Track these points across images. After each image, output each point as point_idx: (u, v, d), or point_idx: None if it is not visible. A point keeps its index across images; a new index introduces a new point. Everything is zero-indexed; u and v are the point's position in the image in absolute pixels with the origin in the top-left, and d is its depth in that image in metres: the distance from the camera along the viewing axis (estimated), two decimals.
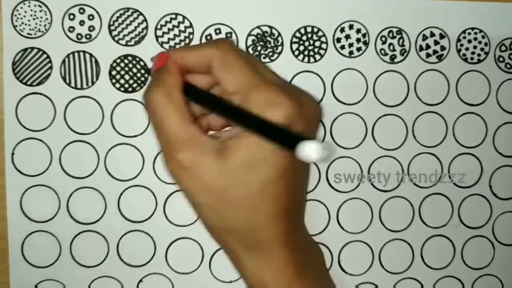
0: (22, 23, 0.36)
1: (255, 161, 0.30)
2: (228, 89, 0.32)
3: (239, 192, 0.31)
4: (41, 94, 0.37)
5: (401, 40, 0.39)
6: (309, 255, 0.36)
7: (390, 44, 0.39)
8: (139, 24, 0.37)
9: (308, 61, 0.38)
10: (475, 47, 0.40)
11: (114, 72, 0.37)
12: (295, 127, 0.30)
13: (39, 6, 0.36)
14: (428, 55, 0.39)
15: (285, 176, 0.31)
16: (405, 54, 0.39)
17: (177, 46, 0.37)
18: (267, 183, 0.31)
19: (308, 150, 0.26)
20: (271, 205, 0.31)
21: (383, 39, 0.39)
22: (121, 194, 0.38)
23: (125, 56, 0.37)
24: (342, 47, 0.39)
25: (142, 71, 0.37)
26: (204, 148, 0.31)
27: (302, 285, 0.33)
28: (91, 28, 0.37)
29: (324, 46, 0.38)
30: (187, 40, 0.37)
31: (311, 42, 0.38)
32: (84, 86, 0.37)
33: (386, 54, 0.39)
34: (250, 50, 0.38)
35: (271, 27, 0.38)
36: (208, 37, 0.37)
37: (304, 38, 0.38)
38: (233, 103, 0.31)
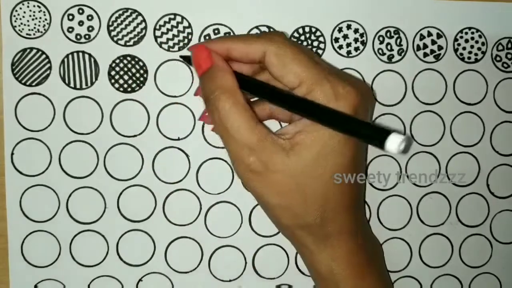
0: (21, 23, 0.36)
1: (325, 154, 0.30)
2: (289, 83, 0.31)
3: (311, 186, 0.31)
4: (40, 94, 0.37)
5: (398, 40, 0.39)
6: (373, 246, 0.37)
7: (388, 43, 0.39)
8: (138, 24, 0.37)
9: None
10: (472, 46, 0.40)
11: (113, 72, 0.37)
12: (360, 116, 0.31)
13: (38, 6, 0.36)
14: (425, 55, 0.40)
15: (355, 164, 0.31)
16: (402, 54, 0.39)
17: (215, 37, 0.37)
18: (341, 172, 0.31)
19: (397, 143, 0.26)
20: (344, 195, 0.32)
21: (381, 38, 0.39)
22: (120, 193, 0.39)
23: (124, 56, 0.37)
24: (340, 47, 0.39)
25: (141, 71, 0.38)
26: (274, 148, 0.31)
27: (371, 273, 0.34)
28: (90, 29, 0.37)
29: (322, 46, 0.39)
30: (186, 41, 0.37)
31: (309, 42, 0.38)
32: (83, 86, 0.37)
33: (383, 54, 0.39)
34: None
35: (269, 27, 0.38)
36: (207, 38, 0.38)
37: (302, 38, 0.38)
38: (302, 97, 0.31)
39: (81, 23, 0.37)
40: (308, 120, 0.31)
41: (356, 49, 0.39)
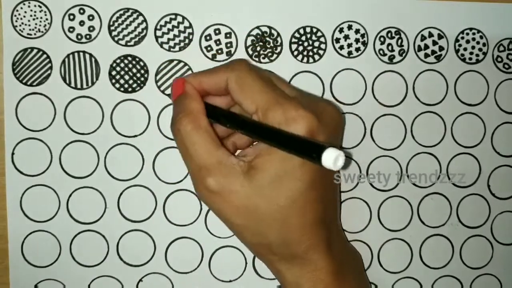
0: (22, 23, 0.36)
1: (282, 177, 0.31)
2: (247, 109, 0.32)
3: (269, 209, 0.31)
4: (41, 94, 0.37)
5: (399, 41, 0.39)
6: (347, 261, 0.36)
7: (389, 44, 0.39)
8: (139, 24, 0.37)
9: (307, 62, 0.39)
10: (473, 47, 0.40)
11: (114, 72, 0.37)
12: (318, 138, 0.31)
13: (39, 6, 0.36)
14: (426, 55, 0.40)
15: (314, 187, 0.32)
16: (403, 55, 0.39)
17: (192, 72, 0.37)
18: (297, 196, 0.31)
19: (332, 158, 0.25)
20: (304, 217, 0.32)
21: (382, 39, 0.39)
22: (121, 194, 0.38)
23: (125, 56, 0.37)
24: (341, 47, 0.39)
25: (142, 71, 0.38)
26: (232, 171, 0.32)
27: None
28: (91, 29, 0.37)
29: (323, 46, 0.39)
30: (186, 41, 0.37)
31: (310, 42, 0.38)
32: (84, 86, 0.37)
33: (384, 55, 0.39)
34: (249, 50, 0.38)
35: (270, 28, 0.38)
36: (208, 38, 0.38)
37: (303, 38, 0.38)
38: (252, 120, 0.32)
39: (82, 23, 0.37)
40: (264, 145, 0.31)
41: (357, 49, 0.39)
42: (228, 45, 0.38)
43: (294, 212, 0.32)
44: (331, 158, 0.25)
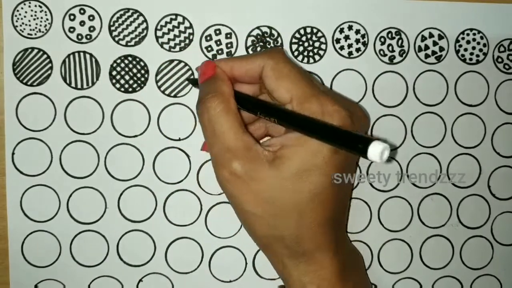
0: (23, 23, 0.36)
1: (308, 170, 0.31)
2: (281, 97, 0.32)
3: (289, 201, 0.31)
4: (41, 94, 0.37)
5: (400, 41, 0.39)
6: (350, 261, 0.36)
7: (389, 45, 0.39)
8: (139, 24, 0.37)
9: (308, 62, 0.39)
10: (473, 48, 0.40)
11: (114, 73, 0.37)
12: None
13: (40, 6, 0.36)
14: (427, 56, 0.40)
15: (336, 185, 0.31)
16: (404, 55, 0.39)
17: (219, 57, 0.37)
18: (319, 191, 0.31)
19: (379, 151, 0.25)
20: (320, 213, 0.32)
21: (382, 40, 0.39)
22: (121, 194, 0.38)
23: (125, 57, 0.37)
24: (342, 47, 0.39)
25: (142, 72, 0.38)
26: (258, 157, 0.31)
27: None
28: (92, 29, 0.37)
29: (323, 46, 0.39)
30: (187, 41, 0.38)
31: (311, 42, 0.38)
32: (85, 86, 0.37)
33: (385, 55, 0.39)
34: (249, 51, 0.38)
35: (270, 28, 0.38)
36: (208, 38, 0.38)
37: (304, 38, 0.38)
38: (287, 109, 0.32)
39: (82, 23, 0.37)
40: (294, 135, 0.31)
41: (358, 50, 0.39)
42: (229, 45, 0.38)
43: (313, 208, 0.31)
44: (378, 150, 0.25)
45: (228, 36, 0.38)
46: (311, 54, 0.39)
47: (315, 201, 0.31)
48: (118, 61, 0.37)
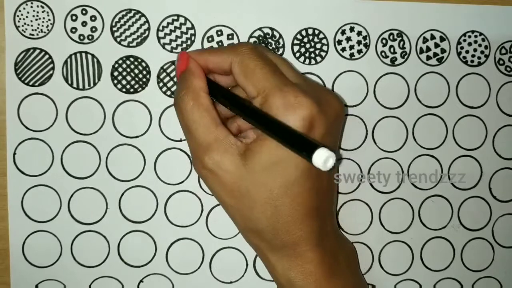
0: (25, 23, 0.36)
1: (277, 163, 0.31)
2: (250, 93, 0.32)
3: (261, 194, 0.31)
4: (43, 94, 0.37)
5: (401, 43, 0.39)
6: (340, 255, 0.36)
7: (391, 46, 0.39)
8: (141, 25, 0.37)
9: (309, 63, 0.39)
10: (475, 50, 0.40)
11: (116, 73, 0.37)
12: (316, 126, 0.30)
13: (42, 6, 0.36)
14: (428, 58, 0.40)
15: (310, 176, 0.31)
16: (405, 57, 0.39)
17: (189, 49, 0.38)
18: (291, 184, 0.31)
19: (322, 158, 0.25)
20: (296, 206, 0.32)
21: (384, 41, 0.39)
22: (122, 194, 0.38)
23: (127, 57, 0.37)
24: (343, 49, 0.39)
25: (144, 72, 0.38)
26: (228, 150, 0.31)
27: (335, 282, 0.33)
28: (93, 29, 0.37)
29: (325, 48, 0.39)
30: (189, 42, 0.38)
31: (312, 44, 0.38)
32: (86, 86, 0.37)
33: (386, 57, 0.39)
34: None
35: (272, 29, 0.38)
36: (210, 39, 0.38)
37: (305, 40, 0.38)
38: (251, 105, 0.32)
39: (84, 23, 0.37)
40: None
41: (359, 51, 0.39)
42: None
43: (287, 201, 0.31)
44: (321, 158, 0.25)
45: (230, 37, 0.38)
46: (312, 55, 0.39)
47: (288, 193, 0.31)
48: (120, 61, 0.37)
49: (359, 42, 0.39)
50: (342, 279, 0.34)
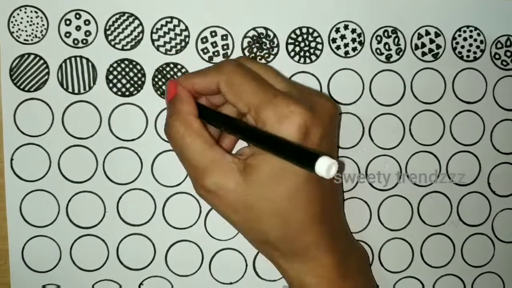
0: (19, 29, 0.36)
1: (279, 174, 0.31)
2: (241, 110, 0.32)
3: (266, 207, 0.31)
4: (38, 99, 0.37)
5: (396, 39, 0.39)
6: (351, 257, 0.36)
7: (386, 43, 0.39)
8: (135, 28, 0.37)
9: (304, 62, 0.39)
10: (470, 45, 0.40)
11: (111, 77, 0.37)
12: (312, 132, 0.30)
13: (35, 12, 0.36)
14: (423, 54, 0.39)
15: (312, 181, 0.31)
16: (400, 53, 0.39)
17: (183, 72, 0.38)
18: (295, 192, 0.31)
19: (325, 167, 0.25)
20: (303, 213, 0.32)
21: (379, 38, 0.39)
22: (120, 197, 0.39)
23: (122, 60, 0.37)
24: (338, 47, 0.39)
25: (139, 75, 0.38)
26: (227, 169, 0.32)
27: (348, 285, 0.34)
28: (87, 33, 0.37)
29: (319, 46, 0.39)
30: (183, 43, 0.38)
31: (307, 43, 0.38)
32: (82, 91, 0.37)
33: (381, 54, 0.39)
34: (246, 52, 0.38)
35: (266, 29, 0.38)
36: (204, 40, 0.38)
37: (300, 39, 0.38)
38: (245, 124, 0.32)
39: (78, 28, 0.37)
40: None
41: (354, 49, 0.39)
42: (225, 47, 0.38)
43: (293, 208, 0.31)
44: (324, 167, 0.25)
45: (224, 37, 0.38)
46: (307, 54, 0.38)
47: (294, 201, 0.31)
48: (115, 65, 0.37)
49: (353, 40, 0.39)
50: (353, 281, 0.35)
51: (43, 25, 0.37)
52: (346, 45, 0.39)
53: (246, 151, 0.33)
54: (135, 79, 0.38)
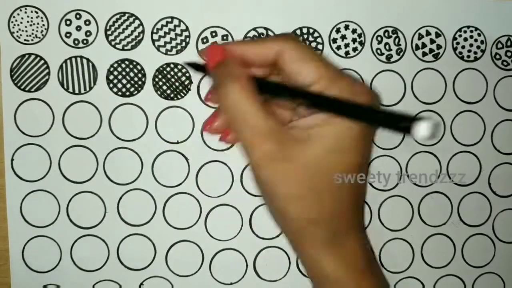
0: (19, 29, 0.36)
1: (341, 149, 0.30)
2: (306, 79, 0.31)
3: (325, 180, 0.30)
4: (39, 99, 0.37)
5: (397, 40, 0.39)
6: (370, 245, 0.36)
7: (386, 43, 0.39)
8: (135, 28, 0.37)
9: None
10: (471, 45, 0.40)
11: (111, 77, 0.37)
12: None
13: (36, 12, 0.36)
14: (424, 54, 0.39)
15: (363, 164, 0.31)
16: (401, 54, 0.39)
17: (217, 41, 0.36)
18: (353, 170, 0.30)
19: (425, 130, 0.25)
20: (354, 192, 0.31)
21: (379, 38, 0.39)
22: (120, 198, 0.39)
23: (122, 61, 0.37)
24: (338, 47, 0.39)
25: (139, 75, 0.38)
26: (291, 138, 0.30)
27: (372, 273, 0.33)
28: (88, 33, 0.37)
29: (320, 46, 0.39)
30: (183, 44, 0.38)
31: (307, 43, 0.38)
32: (82, 91, 0.37)
33: (382, 54, 0.39)
34: None
35: (267, 29, 0.38)
36: (204, 40, 0.38)
37: (300, 39, 0.38)
38: (316, 92, 0.30)
39: (78, 28, 0.37)
40: (322, 115, 0.30)
41: (355, 49, 0.39)
42: None
43: (348, 187, 0.31)
44: (425, 128, 0.25)
45: (225, 38, 0.38)
46: None
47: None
48: (115, 65, 0.37)
49: (354, 40, 0.39)
50: (377, 270, 0.34)
51: (43, 25, 0.37)
52: (346, 45, 0.39)
53: (301, 124, 0.32)
54: (136, 79, 0.38)
